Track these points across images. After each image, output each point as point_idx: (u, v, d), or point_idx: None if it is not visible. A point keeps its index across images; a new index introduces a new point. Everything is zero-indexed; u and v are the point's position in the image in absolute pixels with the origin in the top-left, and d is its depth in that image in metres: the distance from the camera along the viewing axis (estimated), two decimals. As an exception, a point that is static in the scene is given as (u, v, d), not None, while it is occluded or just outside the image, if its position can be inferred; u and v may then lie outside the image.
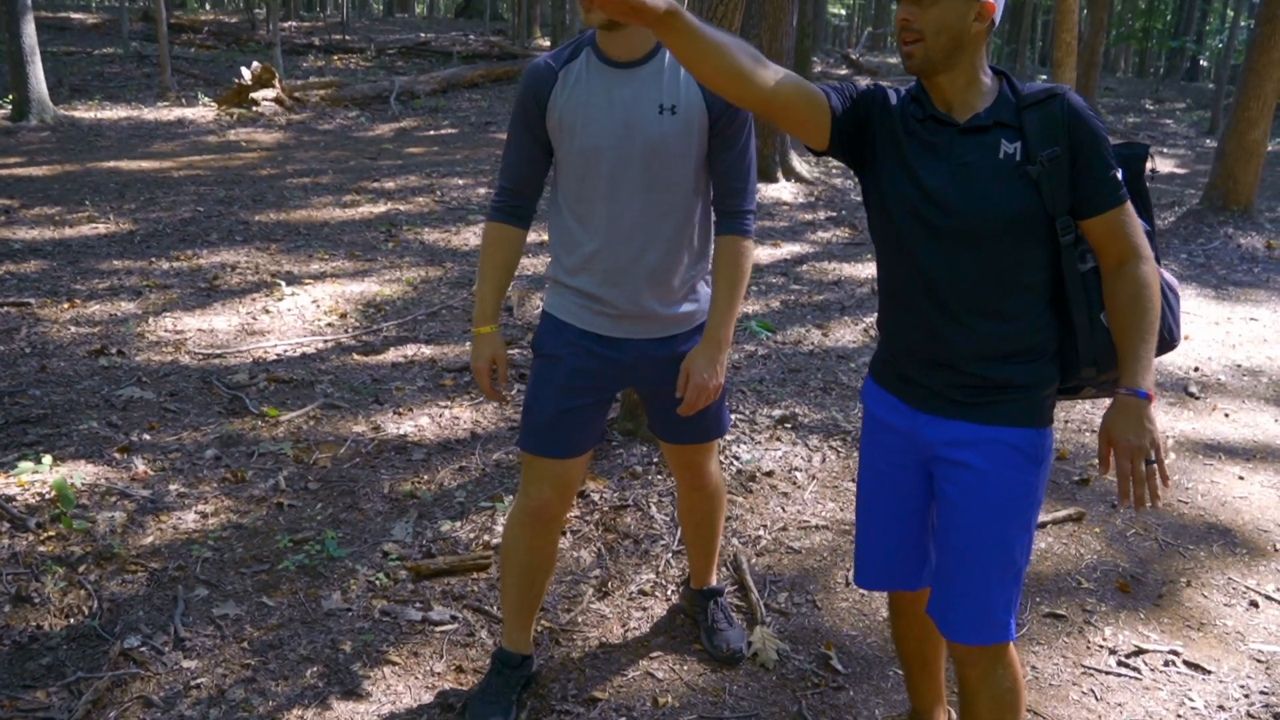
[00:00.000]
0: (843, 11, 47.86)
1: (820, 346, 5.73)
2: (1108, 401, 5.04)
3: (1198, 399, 5.19)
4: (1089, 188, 1.88)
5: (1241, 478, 4.26)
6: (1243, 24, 23.47)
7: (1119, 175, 1.89)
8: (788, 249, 8.18)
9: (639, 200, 2.29)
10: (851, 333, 6.01)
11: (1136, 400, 1.85)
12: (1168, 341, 2.02)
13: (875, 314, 6.29)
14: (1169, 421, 4.85)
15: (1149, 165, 2.13)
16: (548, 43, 24.41)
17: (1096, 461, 4.28)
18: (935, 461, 2.04)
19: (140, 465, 3.92)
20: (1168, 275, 2.04)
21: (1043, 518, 3.75)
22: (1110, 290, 1.91)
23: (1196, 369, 5.65)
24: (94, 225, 8.07)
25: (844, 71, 25.98)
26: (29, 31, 13.98)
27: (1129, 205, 1.91)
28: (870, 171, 2.01)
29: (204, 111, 15.78)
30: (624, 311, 2.38)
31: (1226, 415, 4.99)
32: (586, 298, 2.39)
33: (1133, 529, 3.76)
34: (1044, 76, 25.41)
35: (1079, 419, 4.81)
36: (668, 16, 1.74)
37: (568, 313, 2.43)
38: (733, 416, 4.60)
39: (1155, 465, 1.86)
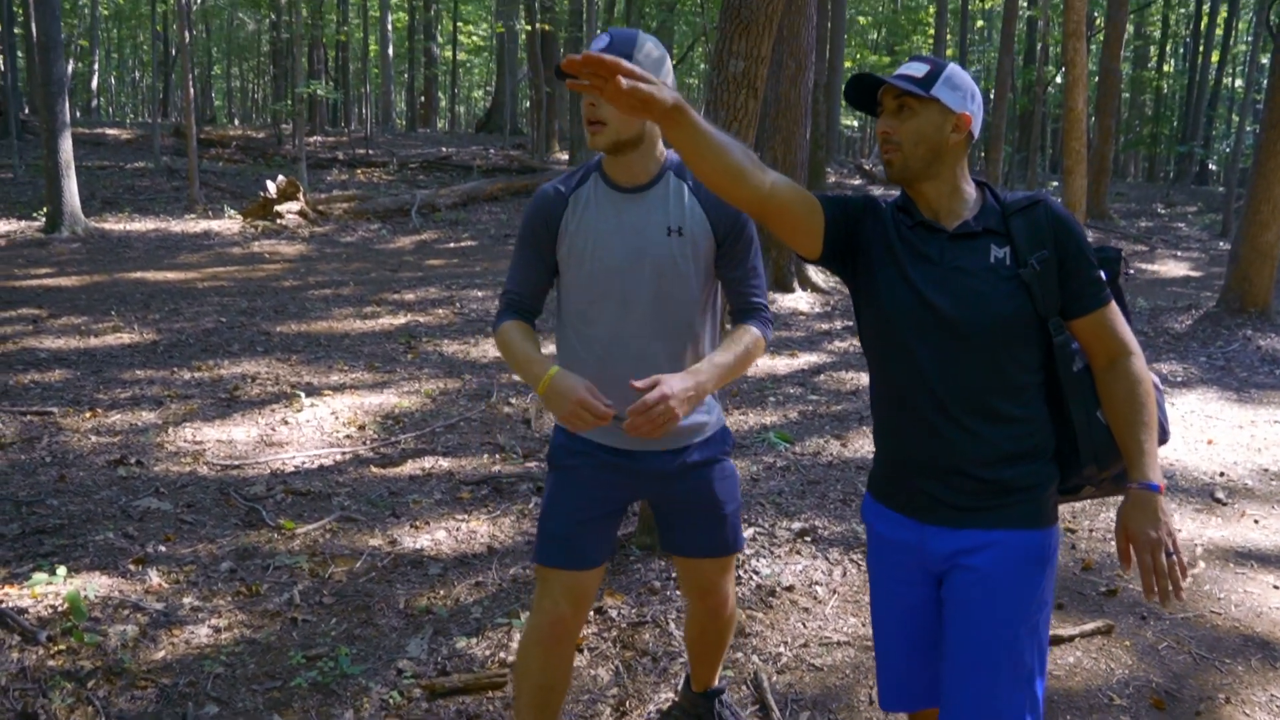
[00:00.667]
0: (855, 123, 48.83)
1: (839, 457, 5.68)
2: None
3: (1225, 505, 5.10)
4: (1077, 289, 1.95)
5: (1277, 586, 4.16)
6: (1248, 128, 23.82)
7: (1102, 276, 1.96)
8: (805, 359, 8.19)
9: (648, 318, 2.33)
10: (871, 443, 5.97)
11: (1149, 494, 1.88)
12: (1162, 435, 2.04)
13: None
14: (1196, 529, 4.75)
15: (1123, 267, 2.24)
16: (566, 157, 24.91)
17: (1123, 572, 4.19)
18: (944, 573, 2.03)
19: (155, 577, 3.88)
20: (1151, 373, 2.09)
21: (1070, 630, 3.66)
22: (1106, 387, 1.96)
23: (1222, 474, 5.57)
24: (119, 335, 8.17)
25: (857, 181, 26.37)
26: (66, 148, 14.40)
27: (1114, 305, 1.98)
28: (865, 277, 2.05)
29: (229, 224, 16.10)
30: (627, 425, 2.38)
31: (1256, 521, 4.90)
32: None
33: (1165, 641, 3.66)
34: (1055, 183, 25.71)
35: (1104, 528, 4.73)
36: (674, 111, 1.78)
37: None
38: (751, 530, 4.54)
39: (1175, 557, 1.88)
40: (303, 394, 6.57)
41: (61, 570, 3.82)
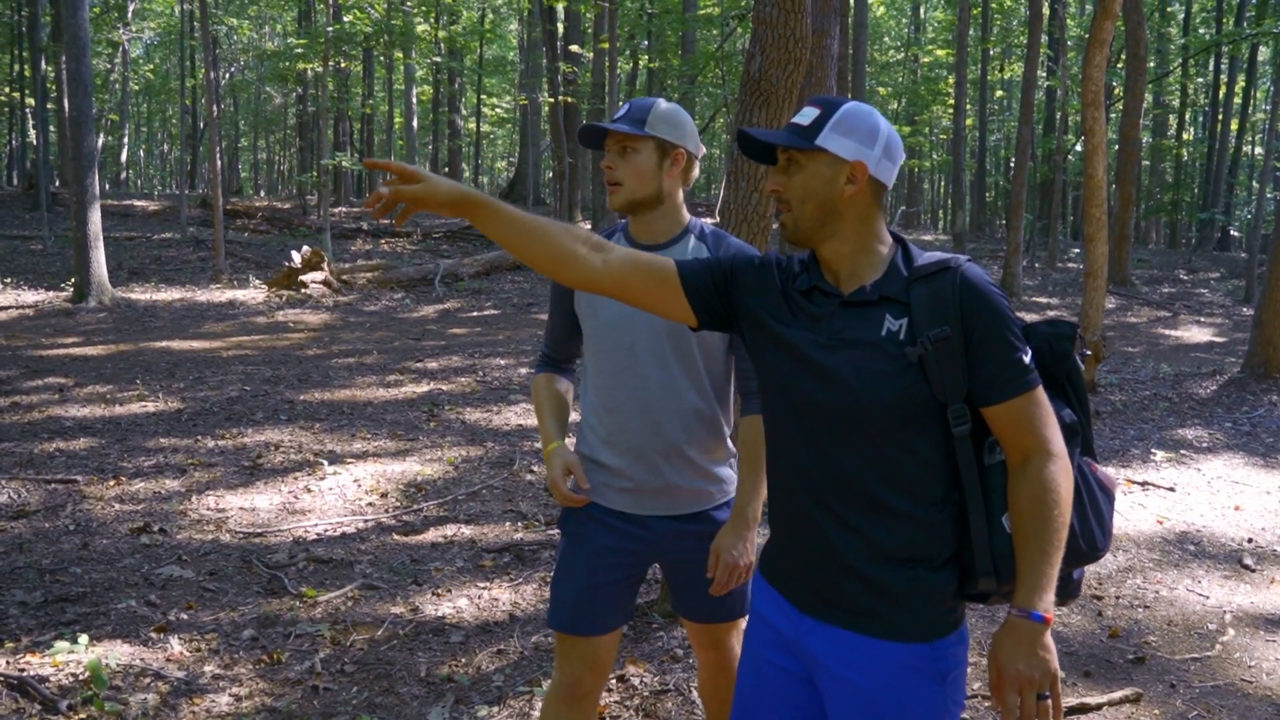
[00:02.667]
0: (875, 191, 49.07)
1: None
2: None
3: (1254, 571, 5.05)
4: (987, 372, 1.68)
5: (1307, 660, 4.10)
6: (1269, 195, 23.89)
7: (1025, 358, 1.69)
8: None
9: (660, 374, 2.39)
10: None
11: (1029, 623, 1.65)
12: (1084, 552, 1.77)
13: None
14: (1225, 595, 4.70)
15: (1078, 347, 1.91)
16: (589, 225, 25.20)
17: (1152, 639, 4.15)
18: (819, 670, 1.82)
19: (176, 645, 3.90)
20: (1100, 472, 1.83)
21: (1098, 699, 3.62)
22: (1013, 491, 1.69)
23: (1250, 540, 5.52)
24: (143, 404, 8.27)
25: (878, 248, 26.47)
26: (95, 220, 14.71)
27: (1038, 393, 1.69)
28: (749, 346, 1.89)
29: (254, 293, 16.31)
30: (643, 485, 2.43)
31: (1286, 593, 4.84)
32: (610, 473, 2.46)
33: (1195, 710, 3.61)
34: (1076, 250, 25.77)
35: (1130, 594, 4.69)
36: (462, 203, 1.79)
37: (591, 491, 2.48)
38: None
39: (1050, 699, 1.67)
40: (326, 462, 6.62)
41: (83, 638, 3.84)
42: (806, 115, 1.79)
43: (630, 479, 2.43)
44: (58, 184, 27.11)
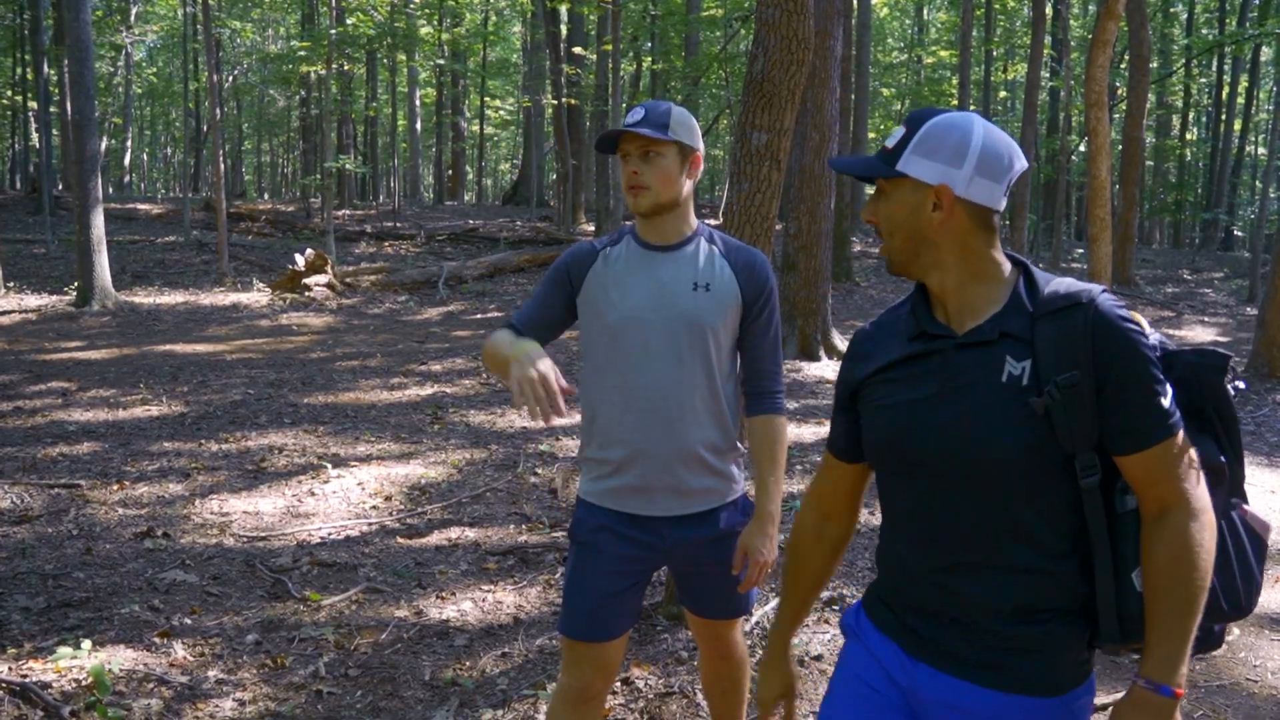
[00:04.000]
0: (878, 192, 49.05)
1: (867, 525, 5.64)
2: None
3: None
4: (1122, 419, 1.51)
5: (1315, 662, 4.08)
6: (1272, 194, 23.86)
7: (1165, 401, 1.51)
8: (831, 425, 8.16)
9: (670, 372, 2.40)
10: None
11: (1157, 698, 1.48)
12: (1226, 611, 1.58)
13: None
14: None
15: (1230, 379, 1.58)
16: (592, 228, 25.19)
17: None
18: (932, 716, 1.69)
19: (180, 650, 3.89)
20: (1252, 517, 1.62)
21: (1102, 699, 3.59)
22: (1148, 547, 1.51)
23: (1258, 546, 5.49)
24: (147, 408, 8.26)
25: (881, 249, 26.42)
26: (98, 223, 14.71)
27: (1178, 439, 1.50)
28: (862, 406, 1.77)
29: (258, 296, 16.32)
30: (653, 484, 2.42)
31: (1294, 595, 4.81)
32: (618, 472, 2.45)
33: (1200, 710, 3.59)
34: (1080, 251, 25.73)
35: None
36: None
37: (602, 495, 2.49)
38: (779, 599, 4.50)
39: None
40: (329, 465, 6.61)
41: (86, 644, 3.83)
42: (894, 136, 1.64)
43: (641, 478, 2.43)
44: (60, 188, 27.15)
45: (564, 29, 27.48)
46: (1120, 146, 20.20)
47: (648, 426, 2.41)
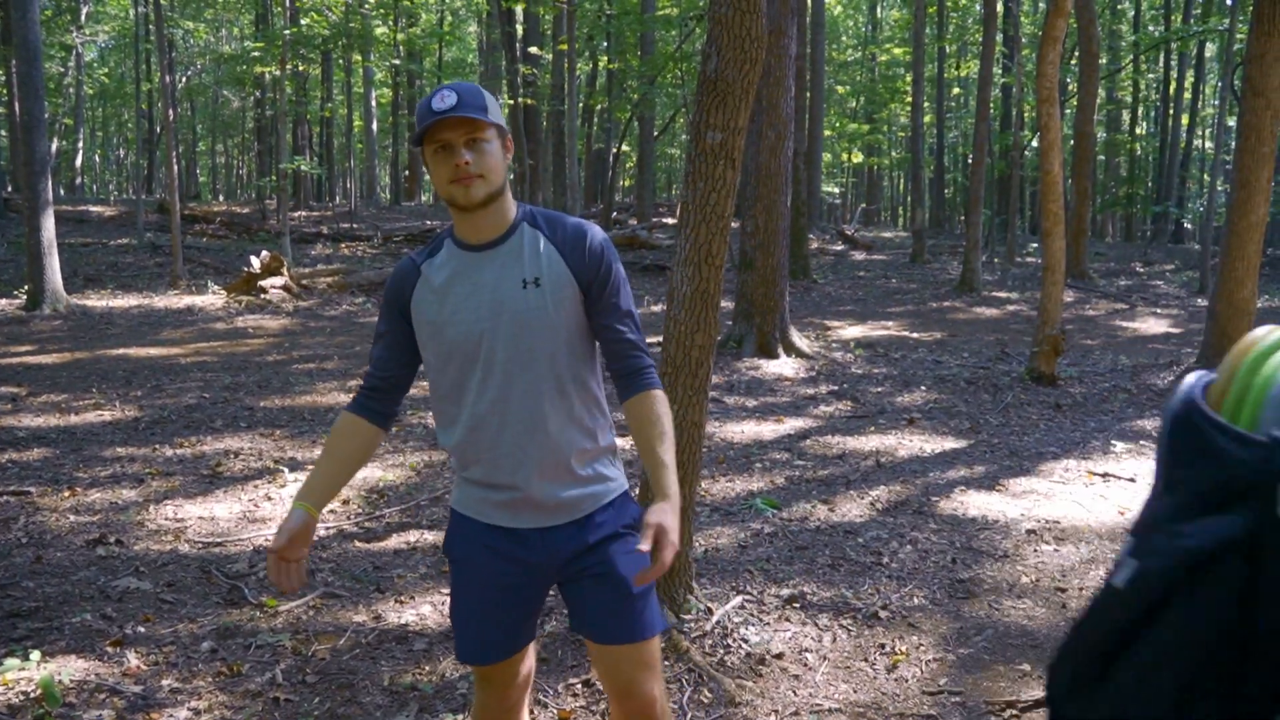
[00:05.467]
0: (837, 190, 49.40)
1: (826, 522, 5.65)
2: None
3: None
4: None
5: None
6: (1220, 188, 24.24)
7: None
8: (791, 424, 8.19)
9: (516, 379, 2.19)
10: (857, 507, 5.95)
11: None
12: None
13: (880, 487, 6.25)
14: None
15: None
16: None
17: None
18: None
19: (133, 659, 3.81)
20: None
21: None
22: None
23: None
24: (99, 412, 8.12)
25: (840, 247, 26.61)
26: (48, 226, 14.44)
27: None
28: None
29: (213, 299, 16.11)
30: (519, 499, 2.23)
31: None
32: (483, 486, 2.26)
33: None
34: (1035, 244, 25.99)
35: (1094, 586, 4.69)
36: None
37: (469, 506, 2.31)
38: (740, 597, 4.50)
39: None
40: (286, 469, 6.52)
41: (35, 654, 3.74)
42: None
43: (507, 490, 2.23)
44: (10, 190, 26.64)
45: (520, 29, 27.37)
46: (1072, 141, 20.44)
47: (502, 444, 2.20)
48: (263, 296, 16.12)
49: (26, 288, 14.76)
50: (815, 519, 5.70)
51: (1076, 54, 21.27)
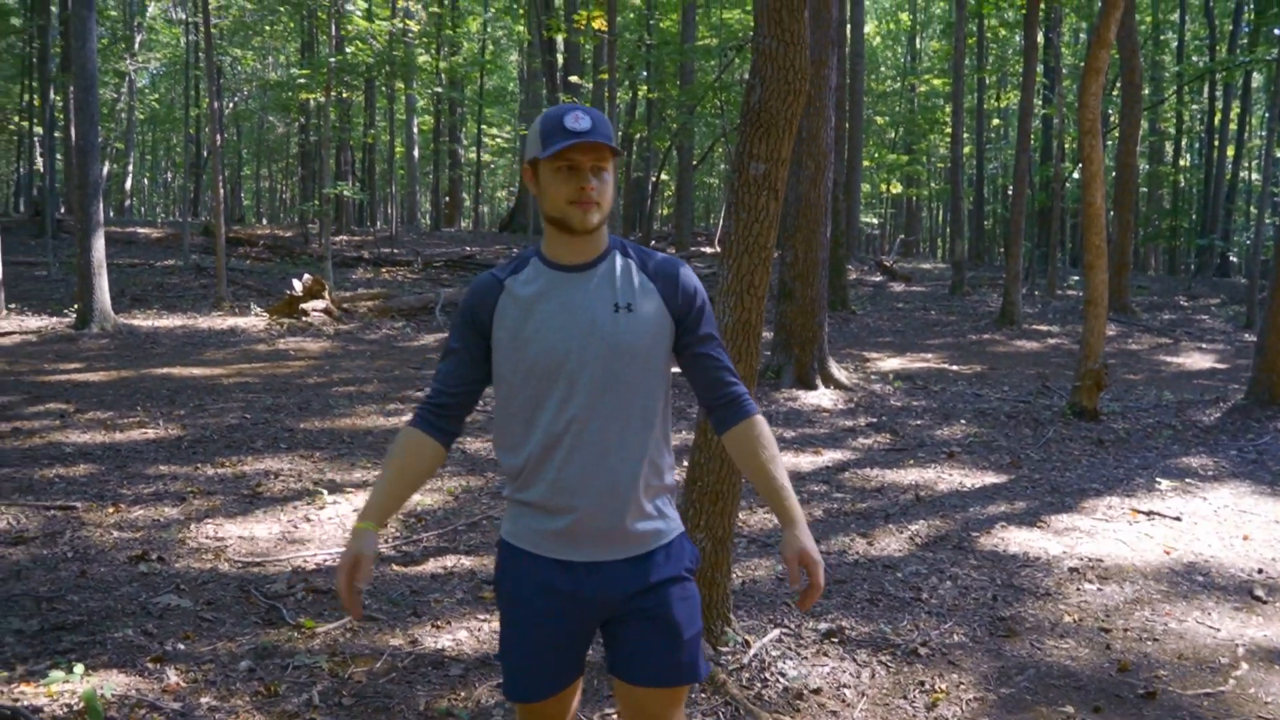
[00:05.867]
0: (875, 220, 49.27)
1: (865, 556, 5.60)
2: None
3: (1265, 603, 4.98)
4: None
5: (1319, 693, 4.03)
6: (1268, 220, 23.96)
7: None
8: (829, 456, 8.13)
9: (598, 402, 2.16)
10: (897, 541, 5.89)
11: None
12: None
13: (920, 522, 6.19)
14: (1236, 628, 4.62)
15: None
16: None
17: (1163, 673, 4.07)
18: None
19: (173, 676, 3.83)
20: None
21: (1110, 737, 3.54)
22: None
23: (1260, 570, 5.45)
24: (144, 430, 8.21)
25: (879, 278, 26.51)
26: (99, 247, 14.72)
27: None
28: None
29: (256, 321, 16.30)
30: (583, 529, 2.18)
31: (1295, 624, 4.76)
32: (541, 512, 2.20)
33: (1207, 750, 3.54)
34: (1076, 277, 25.75)
35: (1139, 626, 4.61)
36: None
37: (522, 537, 2.25)
38: (777, 631, 4.45)
39: None
40: (325, 491, 6.56)
41: (79, 668, 3.77)
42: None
43: (570, 524, 2.18)
44: (63, 211, 27.17)
45: (560, 58, 27.67)
46: (1114, 173, 20.26)
47: (572, 466, 2.16)
48: (304, 319, 16.28)
49: (76, 306, 15.01)
50: (854, 552, 5.65)
51: (1118, 85, 21.12)
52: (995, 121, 40.39)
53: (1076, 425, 9.29)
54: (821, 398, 10.59)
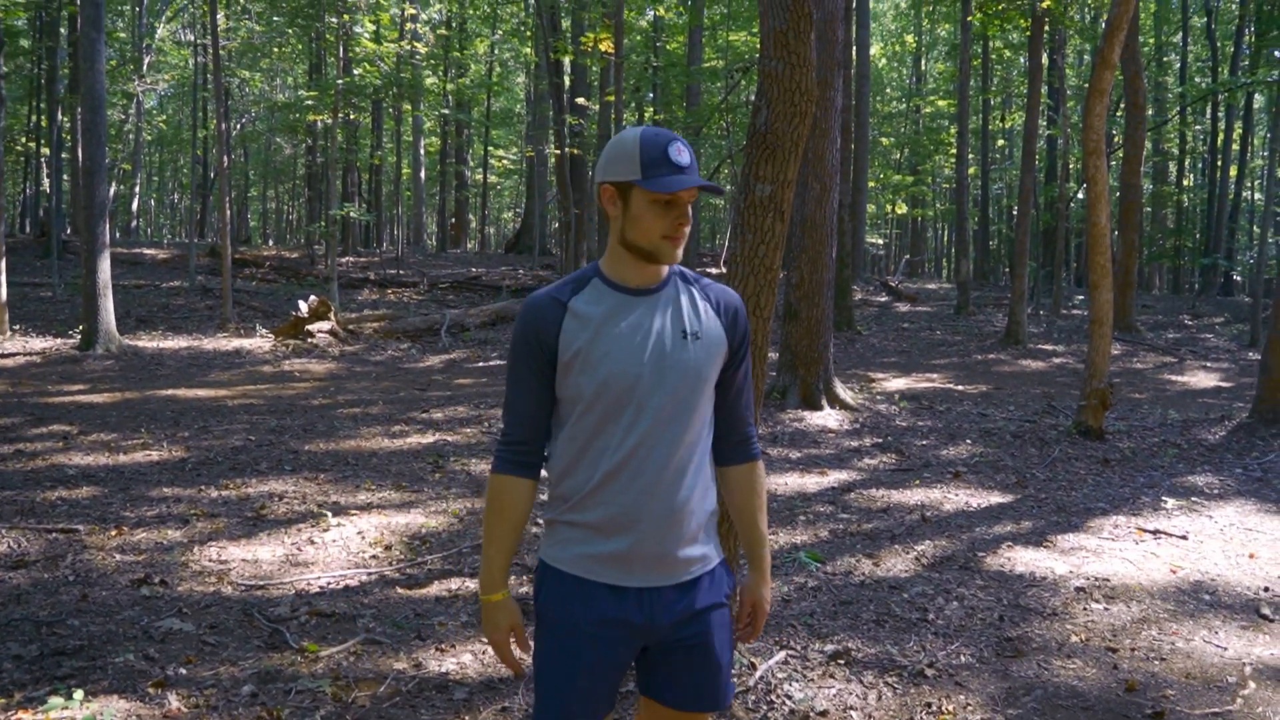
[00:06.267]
0: (881, 241, 49.31)
1: (871, 576, 5.56)
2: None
3: (1272, 621, 4.93)
4: None
5: (1330, 716, 3.98)
6: (1271, 239, 23.93)
7: None
8: (835, 477, 8.10)
9: (664, 428, 2.16)
10: (903, 561, 5.85)
11: None
12: None
13: (926, 542, 6.15)
14: (1243, 647, 4.58)
15: None
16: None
17: (1170, 693, 4.02)
18: None
19: (174, 702, 3.80)
20: None
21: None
22: None
23: (1266, 589, 5.40)
24: (147, 452, 8.20)
25: (884, 298, 26.50)
26: (104, 268, 14.74)
27: None
28: None
29: (261, 342, 16.31)
30: (640, 553, 2.16)
31: (1305, 646, 4.72)
32: (596, 535, 2.18)
33: (1218, 775, 3.49)
34: (1081, 297, 25.72)
35: (1145, 646, 4.57)
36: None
37: (571, 562, 2.20)
38: (783, 653, 4.42)
39: None
40: (329, 513, 6.53)
41: (79, 694, 3.75)
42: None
43: (627, 547, 2.16)
44: (69, 232, 27.28)
45: (567, 80, 27.74)
46: (1118, 193, 20.26)
47: (638, 491, 2.15)
48: (310, 340, 16.29)
49: (81, 328, 15.03)
50: (860, 573, 5.61)
51: (1123, 106, 21.16)
52: (1000, 142, 40.50)
53: (1082, 444, 9.25)
54: (827, 418, 10.56)
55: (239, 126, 36.66)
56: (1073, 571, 5.64)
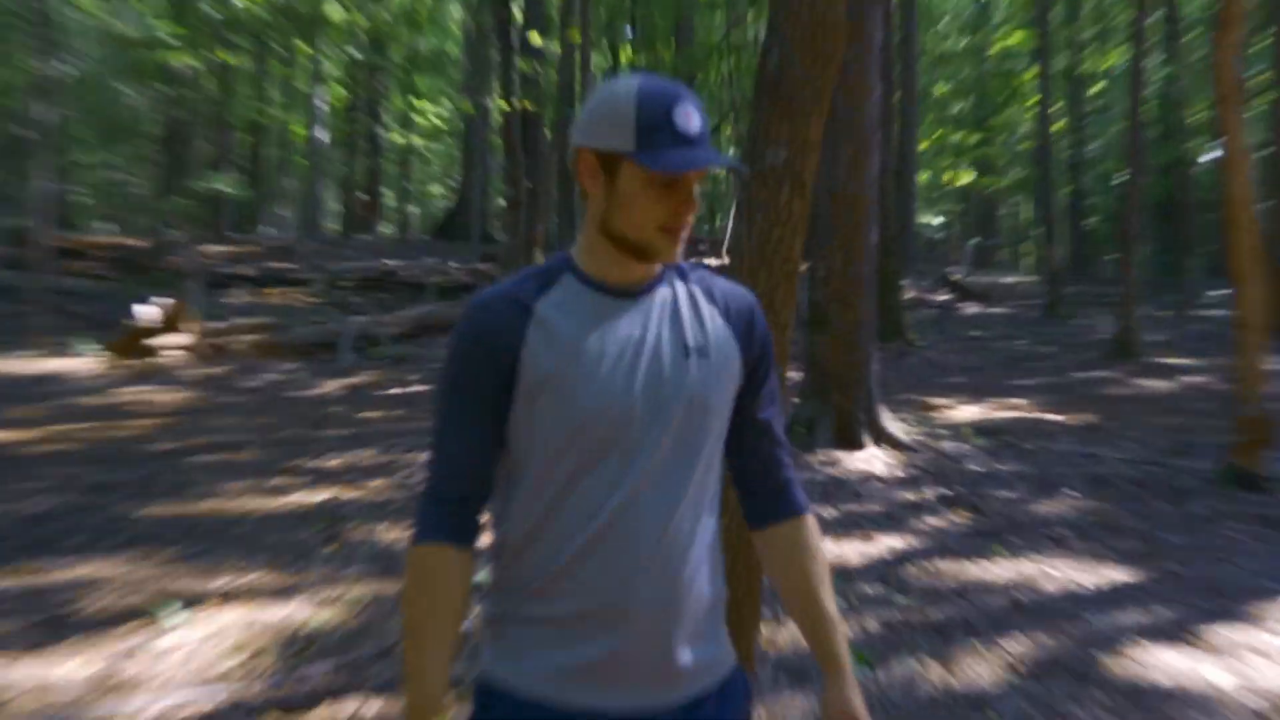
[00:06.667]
0: (938, 221, 49.55)
1: (943, 688, 5.36)
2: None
3: None
4: None
5: None
6: None
7: None
8: (885, 543, 7.93)
9: (661, 480, 2.11)
10: (988, 667, 5.66)
11: None
12: None
13: (1019, 638, 5.91)
14: None
15: None
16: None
17: None
18: None
19: None
20: None
21: None
22: None
23: None
24: (-88, 523, 7.95)
25: (945, 297, 26.53)
26: None
27: None
28: None
29: (87, 363, 16.33)
30: (630, 658, 2.09)
31: None
32: (572, 636, 2.10)
33: None
34: (1216, 292, 25.74)
35: None
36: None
37: (535, 678, 2.11)
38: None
39: None
40: (169, 608, 6.27)
41: None
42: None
43: (613, 650, 2.08)
44: None
45: (517, 11, 27.69)
46: (1267, 151, 20.27)
47: (626, 569, 2.07)
48: (156, 360, 16.28)
49: None
50: (926, 683, 5.43)
51: (1272, 33, 21.20)
52: (1097, 86, 40.68)
53: (1234, 496, 9.23)
54: (872, 460, 10.54)
55: (67, 69, 36.50)
56: (1240, 685, 5.46)
